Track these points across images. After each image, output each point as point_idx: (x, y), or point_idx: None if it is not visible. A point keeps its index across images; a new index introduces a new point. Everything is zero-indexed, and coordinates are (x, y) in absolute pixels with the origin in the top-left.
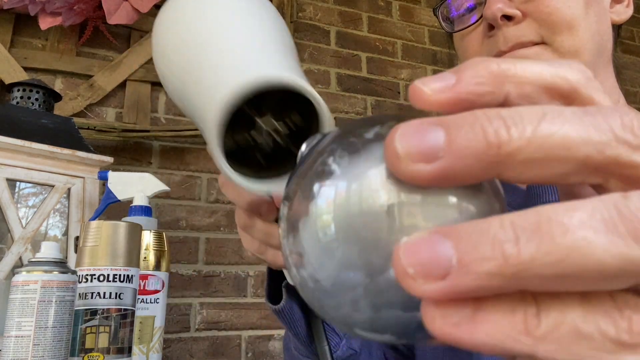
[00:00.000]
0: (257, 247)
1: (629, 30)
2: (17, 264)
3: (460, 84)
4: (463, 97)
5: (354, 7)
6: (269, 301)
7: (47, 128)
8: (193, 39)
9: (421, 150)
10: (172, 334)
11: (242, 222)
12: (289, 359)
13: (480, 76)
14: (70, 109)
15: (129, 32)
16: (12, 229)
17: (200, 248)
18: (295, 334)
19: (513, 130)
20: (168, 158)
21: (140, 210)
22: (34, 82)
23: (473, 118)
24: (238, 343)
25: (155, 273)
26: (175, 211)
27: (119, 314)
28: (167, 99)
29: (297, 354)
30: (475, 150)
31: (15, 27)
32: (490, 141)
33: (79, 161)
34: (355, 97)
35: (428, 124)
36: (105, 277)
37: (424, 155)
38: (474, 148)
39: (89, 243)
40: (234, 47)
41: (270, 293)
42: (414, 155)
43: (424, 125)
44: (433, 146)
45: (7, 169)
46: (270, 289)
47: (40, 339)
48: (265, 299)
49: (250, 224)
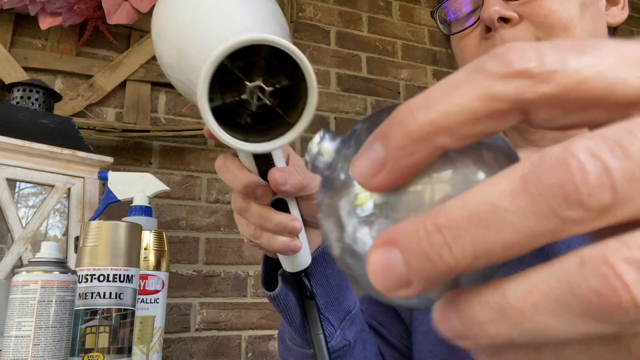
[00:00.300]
0: (253, 232)
1: (629, 30)
2: (17, 264)
3: (389, 162)
4: (398, 175)
5: (354, 7)
6: (265, 287)
7: (47, 128)
8: (189, 5)
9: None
10: (172, 334)
11: (237, 206)
12: (283, 350)
13: (404, 143)
14: (70, 109)
15: (129, 32)
16: (12, 229)
17: (200, 248)
18: (290, 322)
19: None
20: (168, 158)
21: (140, 210)
22: (34, 82)
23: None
24: (238, 343)
25: (155, 273)
26: (175, 211)
27: (119, 314)
28: (167, 99)
29: (292, 345)
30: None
31: (15, 27)
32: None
33: (79, 161)
34: (355, 97)
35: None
36: (105, 277)
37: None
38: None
39: (89, 243)
40: (225, 12)
41: (266, 280)
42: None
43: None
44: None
45: (7, 169)
46: (266, 276)
47: (40, 339)
48: (261, 285)
49: (245, 207)
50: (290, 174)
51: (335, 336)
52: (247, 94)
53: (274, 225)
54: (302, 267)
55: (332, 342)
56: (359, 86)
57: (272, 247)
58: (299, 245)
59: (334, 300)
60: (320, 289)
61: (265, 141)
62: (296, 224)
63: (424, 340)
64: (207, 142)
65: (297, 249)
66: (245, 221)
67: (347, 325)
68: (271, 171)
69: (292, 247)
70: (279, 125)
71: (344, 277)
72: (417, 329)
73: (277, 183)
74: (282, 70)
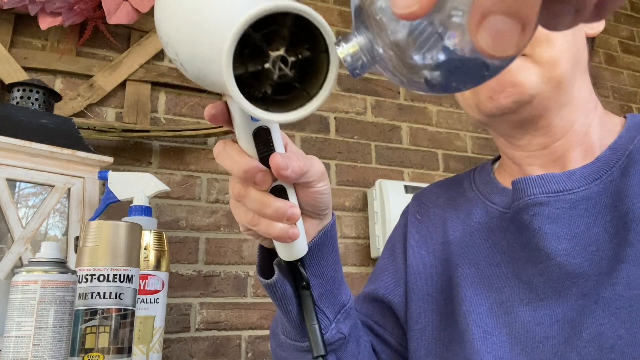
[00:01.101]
0: (251, 219)
1: (629, 30)
2: (17, 264)
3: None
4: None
5: None
6: (261, 276)
7: (47, 128)
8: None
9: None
10: (172, 334)
11: (236, 192)
12: (276, 346)
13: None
14: (70, 109)
15: (129, 32)
16: (12, 229)
17: (200, 248)
18: (286, 312)
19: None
20: (168, 158)
21: (140, 210)
22: (34, 82)
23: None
24: (238, 343)
25: (155, 273)
26: (175, 211)
27: (119, 314)
28: (167, 98)
29: (285, 339)
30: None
31: (15, 27)
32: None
33: (79, 161)
34: (355, 97)
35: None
36: (105, 277)
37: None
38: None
39: (89, 243)
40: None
41: (262, 270)
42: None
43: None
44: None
45: (7, 169)
46: (262, 266)
47: (40, 339)
48: (257, 273)
49: (244, 193)
50: (291, 159)
51: (330, 329)
52: (269, 63)
53: (272, 211)
54: (299, 256)
55: (327, 334)
56: (359, 86)
57: (270, 233)
58: (297, 232)
59: (329, 293)
60: (315, 280)
61: (287, 111)
62: (295, 210)
63: (419, 338)
64: (207, 142)
65: (295, 236)
66: (243, 208)
67: (342, 319)
68: (273, 156)
69: (290, 235)
70: (299, 97)
71: (339, 270)
72: (412, 327)
73: (279, 167)
74: (305, 40)
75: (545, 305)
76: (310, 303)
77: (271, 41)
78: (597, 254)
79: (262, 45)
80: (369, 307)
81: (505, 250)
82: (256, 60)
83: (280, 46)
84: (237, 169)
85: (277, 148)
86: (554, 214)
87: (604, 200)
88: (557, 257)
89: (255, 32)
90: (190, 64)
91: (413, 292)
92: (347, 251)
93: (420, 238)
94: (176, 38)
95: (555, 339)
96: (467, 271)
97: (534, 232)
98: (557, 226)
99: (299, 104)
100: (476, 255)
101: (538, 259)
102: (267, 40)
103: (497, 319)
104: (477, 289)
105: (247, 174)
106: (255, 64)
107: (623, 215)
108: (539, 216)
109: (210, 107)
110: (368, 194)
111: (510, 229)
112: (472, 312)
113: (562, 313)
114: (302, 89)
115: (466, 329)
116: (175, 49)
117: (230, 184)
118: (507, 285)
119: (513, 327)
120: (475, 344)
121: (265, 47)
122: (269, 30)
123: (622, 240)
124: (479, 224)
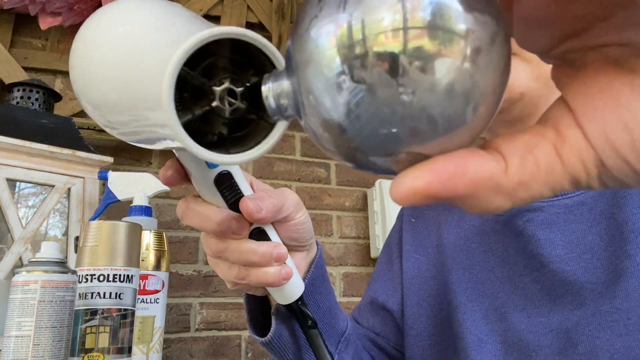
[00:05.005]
0: (237, 272)
1: None
2: (17, 264)
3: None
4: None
5: None
6: (254, 333)
7: (47, 128)
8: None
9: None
10: (172, 334)
11: (213, 248)
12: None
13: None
14: (70, 109)
15: None
16: (12, 229)
17: (200, 248)
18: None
19: None
20: (168, 158)
21: (140, 210)
22: (34, 82)
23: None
24: (238, 343)
25: (155, 273)
26: (175, 211)
27: (119, 314)
28: None
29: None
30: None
31: (15, 27)
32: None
33: (79, 161)
34: None
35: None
36: (105, 277)
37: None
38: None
39: (89, 243)
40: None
41: (253, 325)
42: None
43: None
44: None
45: (7, 169)
46: (253, 321)
47: (40, 339)
48: (251, 332)
49: (223, 247)
50: (262, 199)
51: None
52: (216, 100)
53: (259, 257)
54: (297, 295)
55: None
56: None
57: (263, 282)
58: (290, 271)
59: (328, 326)
60: (314, 316)
61: (251, 147)
62: (282, 249)
63: (414, 344)
64: None
65: (289, 276)
66: (226, 263)
67: (344, 348)
68: (242, 201)
69: (284, 275)
70: (259, 127)
71: (333, 298)
72: (408, 332)
73: (251, 212)
74: (248, 65)
75: (540, 312)
76: (320, 342)
77: (212, 76)
78: (591, 262)
79: (203, 83)
80: (371, 318)
81: (499, 254)
82: (201, 101)
83: (224, 79)
84: (208, 224)
85: (243, 190)
86: (548, 220)
87: (599, 206)
88: (551, 263)
89: (192, 70)
90: (127, 127)
91: (408, 297)
92: (347, 251)
93: (414, 242)
94: (106, 106)
95: (549, 348)
96: (461, 276)
97: (528, 239)
98: (552, 232)
99: (261, 136)
100: (470, 260)
101: (532, 265)
102: (206, 76)
103: (491, 326)
104: (472, 295)
105: (221, 226)
106: (202, 105)
107: (620, 224)
108: (532, 222)
109: (164, 170)
110: (368, 194)
111: (505, 233)
112: (466, 319)
113: (557, 322)
114: (260, 118)
115: (461, 336)
116: (106, 118)
117: (204, 241)
118: (502, 291)
119: (507, 335)
120: (469, 352)
121: (208, 84)
122: (206, 64)
123: (618, 250)
124: (473, 227)
